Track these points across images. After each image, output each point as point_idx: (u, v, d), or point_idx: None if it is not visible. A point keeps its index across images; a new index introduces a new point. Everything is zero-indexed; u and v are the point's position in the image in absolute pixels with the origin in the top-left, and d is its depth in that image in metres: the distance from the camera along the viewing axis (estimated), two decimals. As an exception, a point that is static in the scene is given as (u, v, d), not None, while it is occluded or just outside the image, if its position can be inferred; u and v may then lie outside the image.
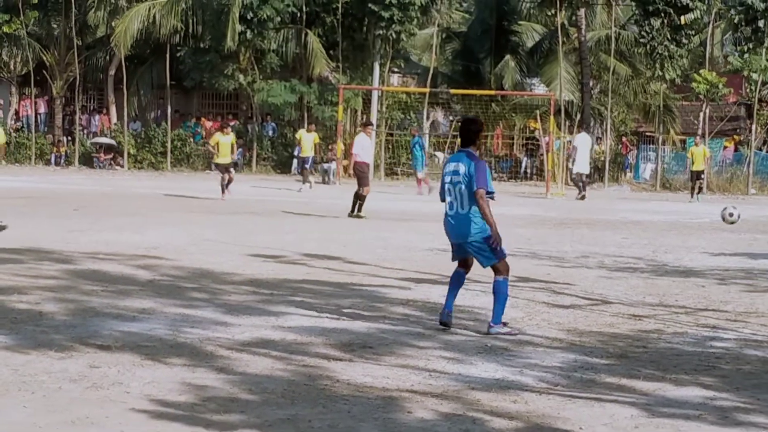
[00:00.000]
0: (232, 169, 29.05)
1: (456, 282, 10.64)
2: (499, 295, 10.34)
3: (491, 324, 10.35)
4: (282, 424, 6.94)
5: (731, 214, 19.89)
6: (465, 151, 10.39)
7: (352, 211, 23.76)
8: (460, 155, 10.40)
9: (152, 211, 23.59)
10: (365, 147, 25.42)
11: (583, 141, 36.36)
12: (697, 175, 37.28)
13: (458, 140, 10.94)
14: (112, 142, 45.59)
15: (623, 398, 7.96)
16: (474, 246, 10.27)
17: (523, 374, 8.66)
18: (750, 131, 45.17)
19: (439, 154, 45.68)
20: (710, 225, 25.51)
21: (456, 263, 10.72)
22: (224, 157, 28.70)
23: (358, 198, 23.84)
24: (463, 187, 10.14)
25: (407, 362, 8.98)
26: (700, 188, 37.19)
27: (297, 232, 20.21)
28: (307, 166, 35.66)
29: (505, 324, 10.38)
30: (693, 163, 37.68)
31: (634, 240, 20.99)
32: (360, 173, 24.53)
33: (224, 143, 28.60)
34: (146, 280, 13.33)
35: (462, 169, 10.18)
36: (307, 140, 35.53)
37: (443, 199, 10.45)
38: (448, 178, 10.30)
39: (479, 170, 10.14)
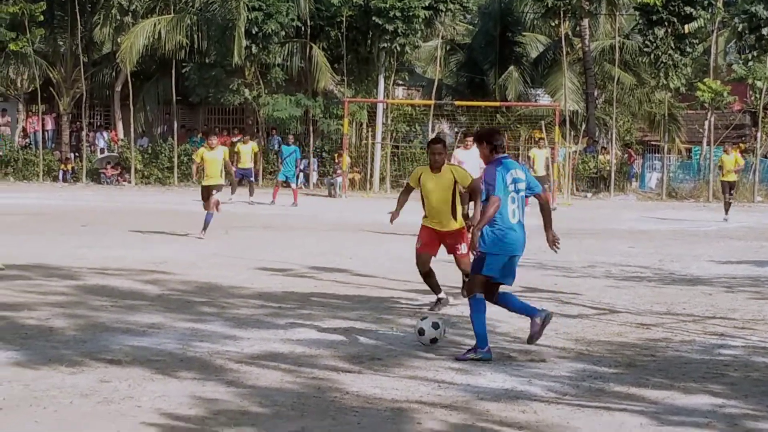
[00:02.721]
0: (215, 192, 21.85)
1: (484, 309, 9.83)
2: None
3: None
4: (292, 437, 6.98)
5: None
6: (508, 157, 9.94)
7: None
8: (512, 162, 9.92)
9: (160, 226, 23.62)
10: (461, 161, 20.79)
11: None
12: (729, 187, 31.56)
13: (487, 146, 9.91)
14: (114, 155, 45.83)
15: (632, 407, 7.98)
16: (517, 261, 9.93)
17: (532, 384, 8.68)
18: (755, 139, 45.16)
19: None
20: (716, 233, 25.52)
21: (484, 290, 9.89)
22: (211, 178, 21.91)
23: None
24: (524, 195, 9.84)
25: (416, 373, 9.01)
26: (729, 203, 31.18)
27: (304, 246, 20.23)
28: (251, 178, 35.08)
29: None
30: (723, 174, 32.18)
31: (640, 249, 21.01)
32: None
33: (210, 159, 21.85)
34: (155, 295, 13.38)
35: (523, 176, 9.86)
36: (245, 152, 34.51)
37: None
38: (512, 186, 9.72)
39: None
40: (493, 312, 12.41)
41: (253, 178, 35.42)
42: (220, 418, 7.42)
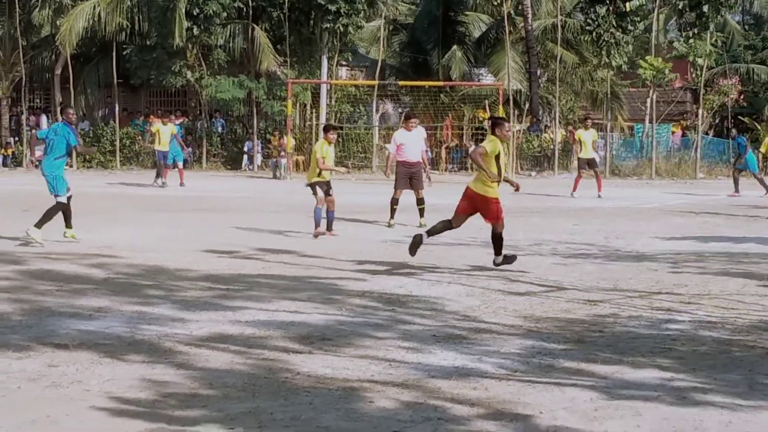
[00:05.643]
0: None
1: None
2: None
3: None
4: (244, 418, 6.95)
5: None
6: None
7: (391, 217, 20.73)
8: None
9: (103, 210, 23.44)
10: (401, 143, 21.49)
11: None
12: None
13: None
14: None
15: (582, 382, 8.03)
16: None
17: (482, 361, 8.71)
18: (696, 116, 45.53)
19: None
20: (660, 210, 25.73)
21: None
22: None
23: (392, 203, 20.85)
24: None
25: (366, 353, 9.00)
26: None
27: (250, 228, 20.15)
28: (165, 161, 33.69)
29: None
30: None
31: (585, 226, 21.13)
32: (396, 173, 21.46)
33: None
34: (101, 279, 13.26)
35: None
36: (165, 133, 33.51)
37: None
38: None
39: None
40: (442, 291, 12.47)
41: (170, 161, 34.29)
42: (170, 400, 7.37)
